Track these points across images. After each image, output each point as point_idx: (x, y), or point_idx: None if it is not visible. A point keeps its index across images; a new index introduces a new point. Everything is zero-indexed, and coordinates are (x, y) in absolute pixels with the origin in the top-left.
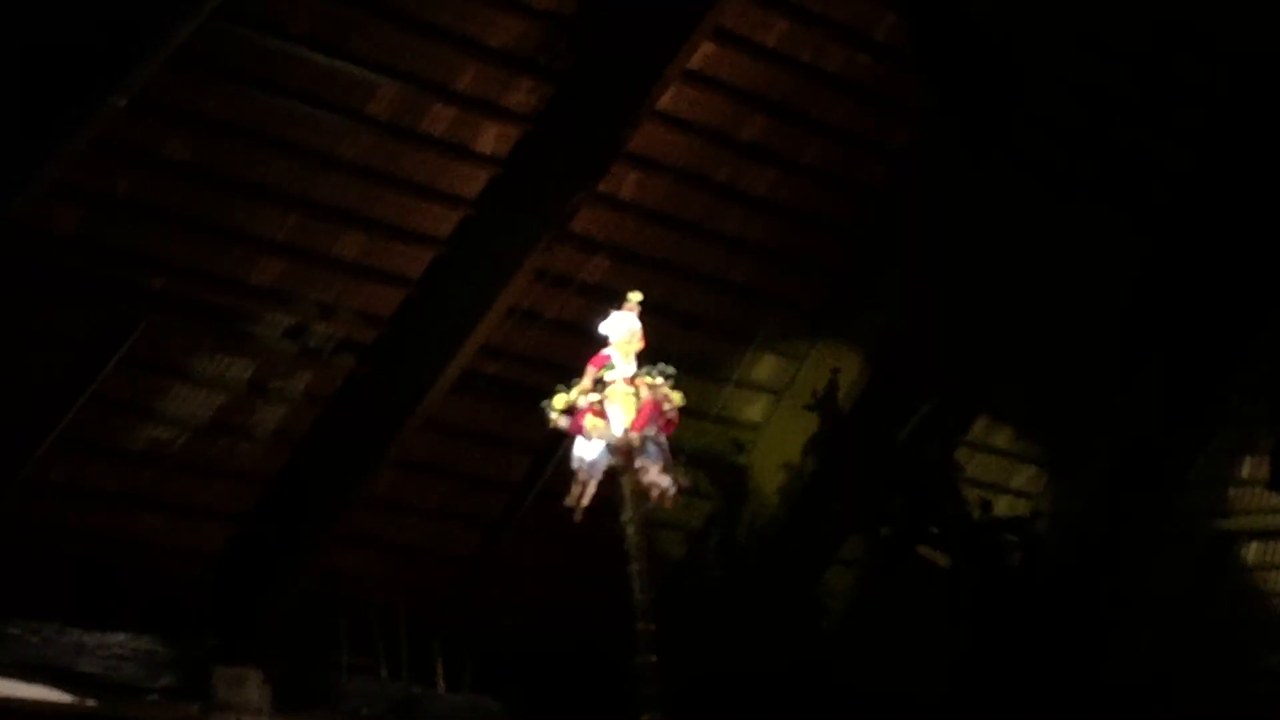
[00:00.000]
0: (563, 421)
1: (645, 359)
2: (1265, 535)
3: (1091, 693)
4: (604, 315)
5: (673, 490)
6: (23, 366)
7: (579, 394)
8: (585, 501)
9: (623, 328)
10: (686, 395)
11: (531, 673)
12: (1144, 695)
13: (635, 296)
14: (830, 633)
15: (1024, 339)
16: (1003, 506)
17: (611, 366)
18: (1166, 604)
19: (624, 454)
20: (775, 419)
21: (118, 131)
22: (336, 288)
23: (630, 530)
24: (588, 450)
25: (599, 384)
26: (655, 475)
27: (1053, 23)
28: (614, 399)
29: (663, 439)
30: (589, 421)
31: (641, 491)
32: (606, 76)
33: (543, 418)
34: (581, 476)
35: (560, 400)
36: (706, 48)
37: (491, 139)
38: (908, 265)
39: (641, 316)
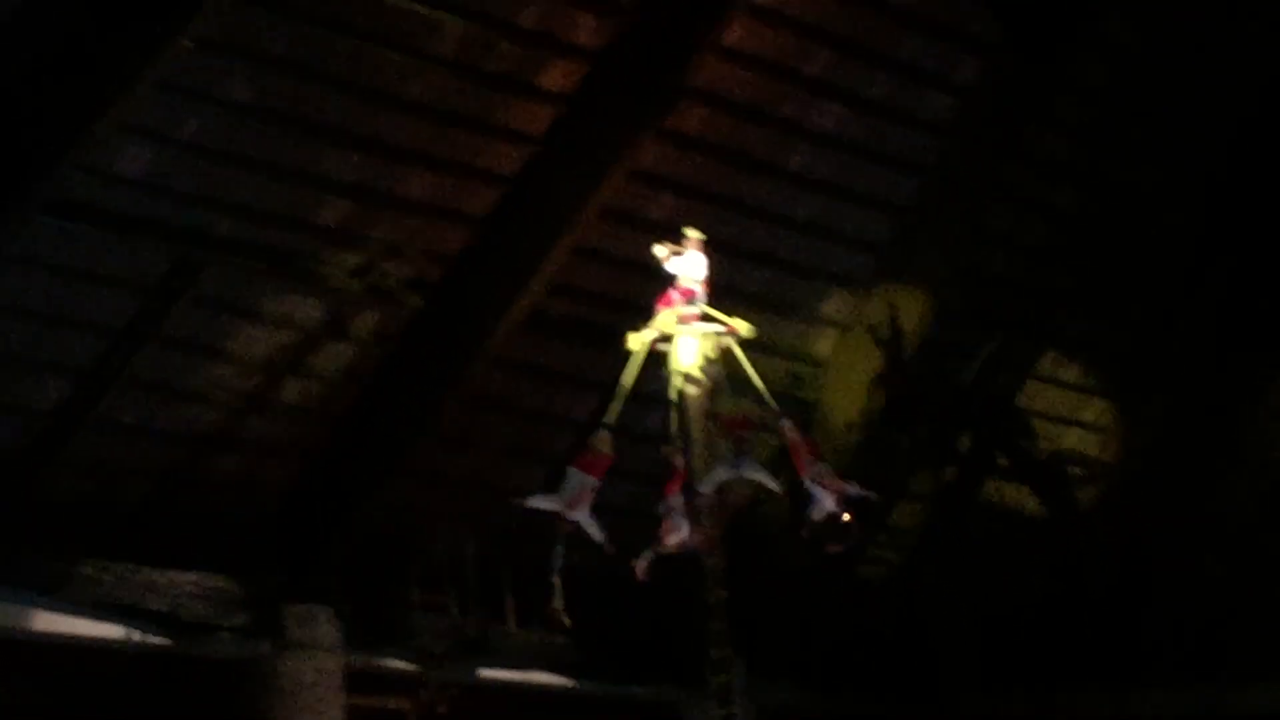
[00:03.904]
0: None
1: (714, 295)
2: None
3: (1157, 626)
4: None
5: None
6: (92, 309)
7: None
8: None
9: (688, 265)
10: (755, 331)
11: (603, 610)
12: (1209, 628)
13: (694, 234)
14: (899, 566)
15: (1091, 272)
16: (1072, 440)
17: (690, 301)
18: (1234, 535)
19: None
20: (843, 354)
21: (183, 73)
22: (403, 227)
23: (697, 469)
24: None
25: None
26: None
27: None
28: (684, 334)
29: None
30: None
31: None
32: (672, 12)
33: (610, 354)
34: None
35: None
36: None
37: (557, 76)
38: (974, 200)
39: (708, 253)
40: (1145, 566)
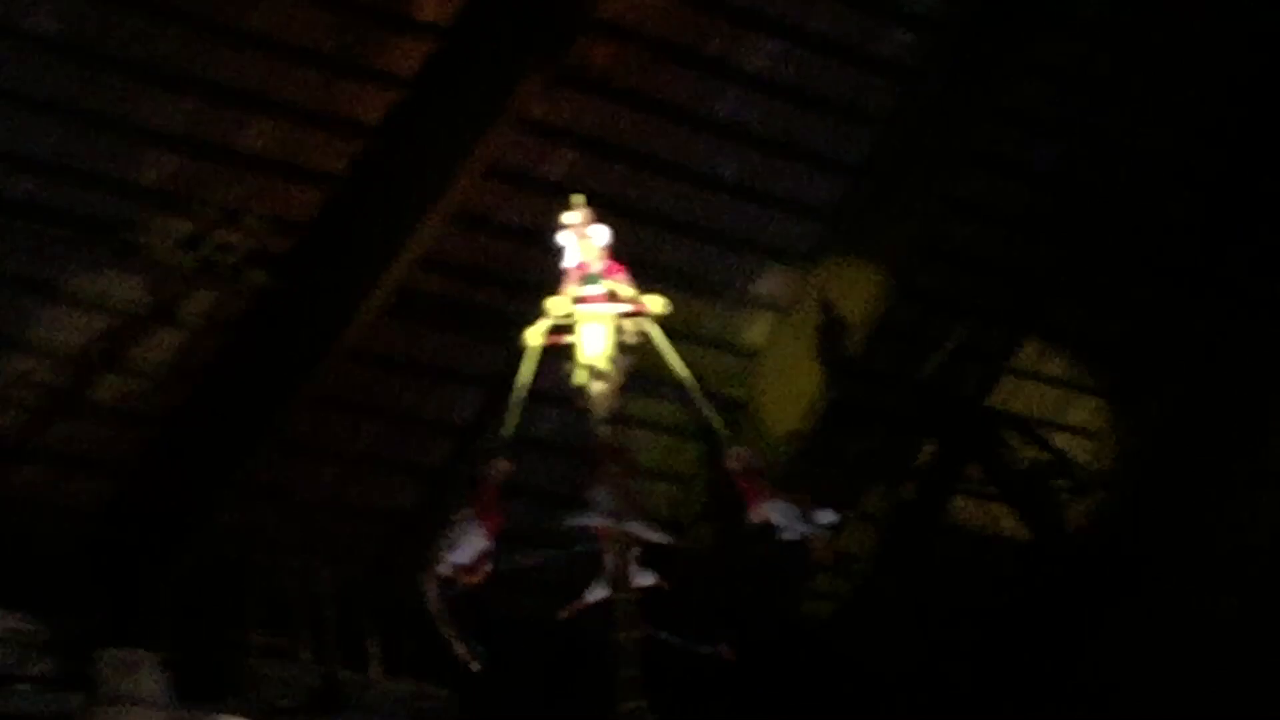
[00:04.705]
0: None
1: (630, 271)
2: None
3: (1158, 667)
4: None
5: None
6: None
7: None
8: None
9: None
10: (674, 313)
11: (492, 655)
12: (1218, 668)
13: (578, 200)
14: (848, 601)
15: (1080, 247)
16: (1058, 447)
17: (592, 279)
18: (1242, 554)
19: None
20: (780, 343)
21: None
22: (242, 188)
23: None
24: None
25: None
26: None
27: None
28: (587, 319)
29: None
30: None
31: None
32: None
33: (497, 343)
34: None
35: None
36: None
37: (432, 4)
38: (939, 158)
39: (618, 221)
40: (1145, 598)
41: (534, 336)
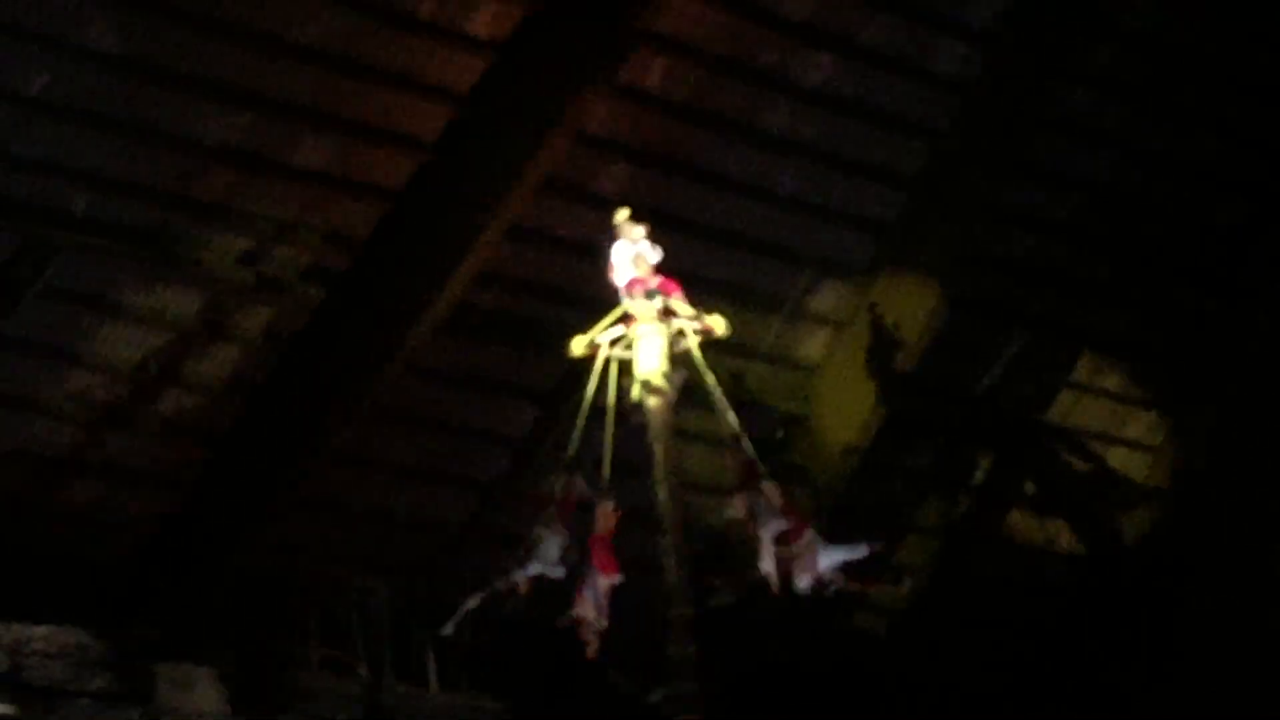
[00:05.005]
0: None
1: (681, 284)
2: None
3: (1211, 671)
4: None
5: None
6: None
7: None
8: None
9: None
10: (730, 329)
11: (542, 668)
12: (1268, 677)
13: (622, 214)
14: (903, 614)
15: (1136, 255)
16: (1114, 461)
17: (650, 294)
18: None
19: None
20: (836, 357)
21: (32, 15)
22: (299, 203)
23: (660, 495)
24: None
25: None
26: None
27: None
28: (642, 336)
29: None
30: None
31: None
32: None
33: (551, 357)
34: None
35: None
36: None
37: (488, 20)
38: (994, 169)
39: (673, 235)
40: (1200, 612)
41: (578, 346)
